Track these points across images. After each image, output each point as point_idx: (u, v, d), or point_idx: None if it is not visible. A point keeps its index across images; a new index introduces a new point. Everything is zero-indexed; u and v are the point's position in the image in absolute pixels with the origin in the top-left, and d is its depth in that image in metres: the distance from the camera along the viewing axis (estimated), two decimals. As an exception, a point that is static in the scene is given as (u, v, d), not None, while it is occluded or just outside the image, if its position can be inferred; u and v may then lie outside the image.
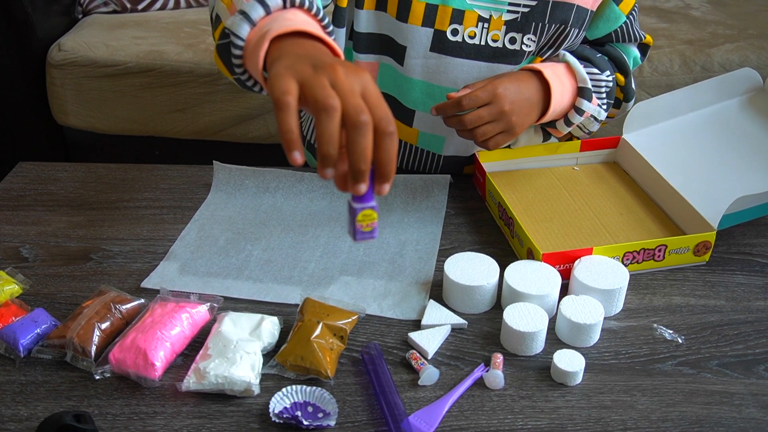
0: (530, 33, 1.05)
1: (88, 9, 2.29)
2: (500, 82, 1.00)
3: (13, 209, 1.09)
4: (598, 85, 1.09)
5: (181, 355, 0.82)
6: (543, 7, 1.03)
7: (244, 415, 0.76)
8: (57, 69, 2.02)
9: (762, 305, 0.91)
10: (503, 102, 0.99)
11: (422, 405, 0.77)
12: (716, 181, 1.03)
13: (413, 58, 1.07)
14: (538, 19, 1.04)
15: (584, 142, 1.15)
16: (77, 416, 0.70)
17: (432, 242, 1.02)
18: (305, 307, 0.85)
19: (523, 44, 1.06)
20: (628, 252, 0.93)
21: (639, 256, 0.94)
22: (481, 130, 1.00)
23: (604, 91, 1.09)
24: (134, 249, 1.00)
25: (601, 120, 1.11)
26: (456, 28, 1.03)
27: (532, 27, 1.04)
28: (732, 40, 2.09)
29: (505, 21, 1.04)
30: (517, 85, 1.01)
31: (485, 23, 1.03)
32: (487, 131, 1.00)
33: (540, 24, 1.04)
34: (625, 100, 1.16)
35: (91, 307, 0.84)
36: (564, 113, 1.09)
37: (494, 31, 1.04)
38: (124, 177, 1.17)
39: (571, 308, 0.84)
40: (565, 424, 0.75)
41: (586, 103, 1.06)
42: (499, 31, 1.04)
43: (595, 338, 0.85)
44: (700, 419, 0.76)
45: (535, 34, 1.05)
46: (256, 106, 2.03)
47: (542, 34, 1.06)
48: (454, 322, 0.87)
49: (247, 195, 1.11)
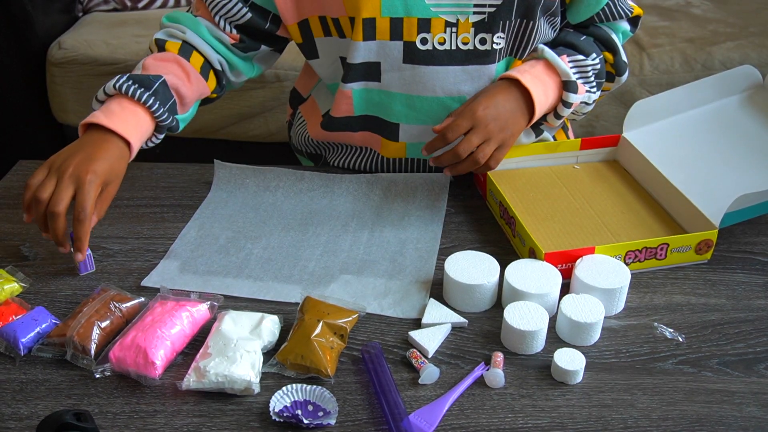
0: (499, 31, 1.04)
1: (88, 7, 2.29)
2: (477, 103, 1.02)
3: (14, 207, 1.09)
4: (584, 70, 1.09)
5: (182, 354, 0.82)
6: (509, 4, 1.03)
7: (245, 413, 0.76)
8: (57, 67, 2.02)
9: (763, 304, 0.91)
10: (486, 121, 1.00)
11: (422, 404, 0.77)
12: (717, 179, 1.03)
13: (388, 71, 1.07)
14: (505, 16, 1.03)
15: (584, 140, 1.14)
16: (77, 415, 0.70)
17: (432, 241, 1.01)
18: (305, 305, 0.85)
19: (494, 43, 1.05)
20: (630, 251, 0.93)
21: (641, 255, 0.94)
22: (476, 156, 1.01)
23: (591, 75, 1.10)
24: (134, 247, 1.00)
25: (593, 101, 1.12)
26: (425, 37, 1.03)
27: (500, 25, 1.04)
28: (733, 38, 2.08)
29: (473, 23, 1.03)
30: (494, 100, 1.02)
31: (453, 27, 1.03)
32: (484, 153, 1.01)
33: (507, 21, 1.04)
34: (618, 75, 1.16)
35: (91, 305, 0.84)
36: (552, 108, 1.09)
37: (463, 34, 1.04)
38: (124, 175, 1.17)
39: (571, 307, 0.84)
40: (565, 423, 0.75)
41: (573, 95, 1.06)
42: (468, 34, 1.04)
43: (596, 337, 0.85)
44: (700, 418, 0.76)
45: (503, 32, 1.05)
46: (257, 105, 2.02)
47: (510, 31, 1.06)
48: (454, 321, 0.87)
49: (248, 194, 1.11)
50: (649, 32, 2.13)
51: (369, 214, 1.07)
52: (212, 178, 1.13)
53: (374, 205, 1.09)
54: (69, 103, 2.06)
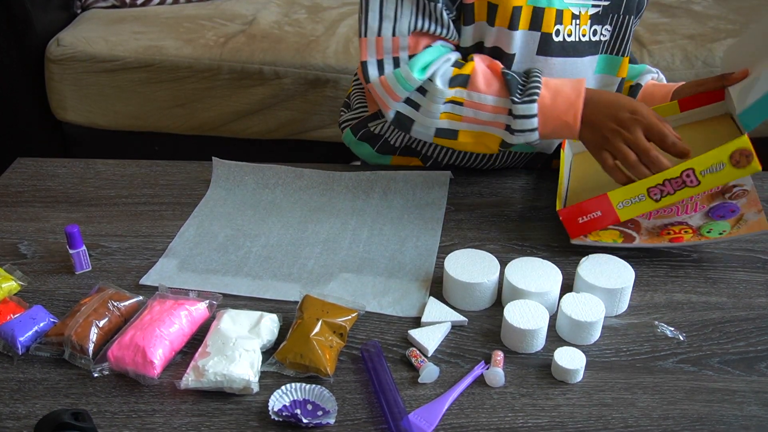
0: (607, 24, 1.08)
1: (86, 4, 2.28)
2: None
3: (12, 205, 1.09)
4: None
5: (180, 353, 0.82)
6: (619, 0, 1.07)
7: (244, 413, 0.75)
8: (56, 64, 2.01)
9: (764, 302, 0.91)
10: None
11: (422, 403, 0.77)
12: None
13: (520, 63, 1.05)
14: (615, 10, 1.07)
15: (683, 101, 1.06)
16: (76, 414, 0.70)
17: (432, 239, 1.01)
18: (305, 304, 0.85)
19: (602, 35, 1.09)
20: (651, 187, 0.87)
21: (668, 188, 0.87)
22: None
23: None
24: (133, 246, 1.00)
25: None
26: (558, 29, 1.04)
27: (608, 18, 1.07)
28: (734, 34, 2.07)
29: (590, 15, 1.06)
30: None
31: (576, 20, 1.05)
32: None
33: (616, 15, 1.08)
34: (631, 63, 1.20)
35: (89, 304, 0.84)
36: None
37: (583, 26, 1.06)
38: (123, 173, 1.17)
39: (571, 306, 0.84)
40: (565, 422, 0.75)
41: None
42: (587, 26, 1.06)
43: (596, 336, 0.84)
44: (701, 417, 0.75)
45: (611, 25, 1.08)
46: (256, 102, 2.02)
47: (616, 24, 1.09)
48: (454, 320, 0.87)
49: (247, 191, 1.11)
50: (649, 29, 2.12)
51: (368, 212, 1.06)
52: (211, 175, 1.13)
53: (374, 203, 1.08)
54: (68, 100, 2.06)
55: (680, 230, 0.91)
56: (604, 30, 1.08)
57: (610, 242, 0.89)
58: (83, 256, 0.94)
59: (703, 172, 0.88)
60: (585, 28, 1.06)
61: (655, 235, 0.91)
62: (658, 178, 0.89)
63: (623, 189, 0.88)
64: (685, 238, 0.89)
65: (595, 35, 1.08)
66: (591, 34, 1.07)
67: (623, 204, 0.90)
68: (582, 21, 1.05)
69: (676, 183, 0.89)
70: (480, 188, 1.14)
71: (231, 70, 1.98)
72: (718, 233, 0.89)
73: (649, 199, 0.89)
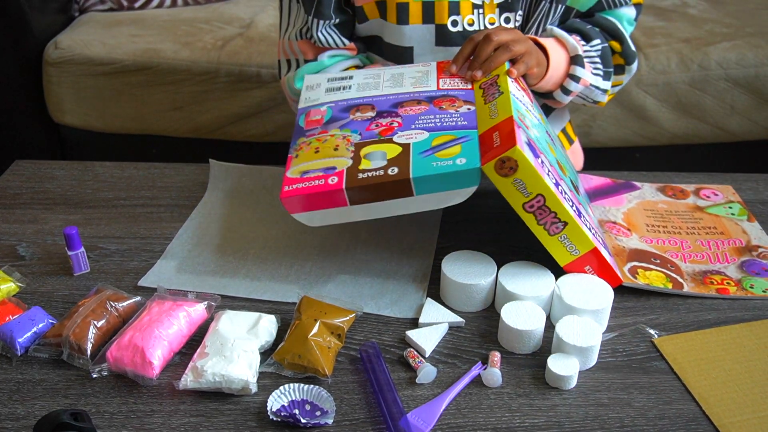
0: (519, 10, 1.09)
1: (84, 7, 2.28)
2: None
3: (10, 207, 1.09)
4: (588, 54, 1.10)
5: (179, 354, 0.82)
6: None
7: (242, 413, 0.76)
8: (53, 67, 2.01)
9: (759, 303, 0.91)
10: (497, 32, 0.99)
11: (420, 403, 0.77)
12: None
13: (421, 55, 1.11)
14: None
15: None
16: (74, 414, 0.70)
17: (429, 240, 1.01)
18: (302, 305, 0.85)
19: (516, 21, 1.10)
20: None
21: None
22: (498, 50, 0.98)
23: (596, 57, 1.11)
24: (131, 247, 1.00)
25: (605, 89, 1.13)
26: (455, 19, 1.08)
27: (520, 4, 1.09)
28: (729, 38, 2.08)
29: (497, 4, 1.08)
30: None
31: (480, 9, 1.08)
32: (500, 39, 0.98)
33: (527, 1, 1.09)
34: (628, 64, 1.17)
35: (87, 305, 0.84)
36: (560, 83, 1.10)
37: (489, 14, 1.08)
38: (121, 175, 1.17)
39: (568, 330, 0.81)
40: (562, 422, 0.75)
41: (580, 69, 1.08)
42: (494, 14, 1.09)
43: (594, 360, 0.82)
44: (696, 417, 0.76)
45: (522, 10, 1.10)
46: (254, 105, 2.02)
47: (529, 9, 1.10)
48: (451, 320, 0.87)
49: (244, 193, 1.11)
50: (645, 32, 2.13)
51: (366, 214, 1.07)
52: (208, 177, 1.13)
53: (371, 205, 1.08)
54: (65, 103, 2.06)
55: (722, 280, 0.94)
56: (517, 16, 1.09)
57: (660, 286, 0.91)
58: (82, 258, 0.94)
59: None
60: (493, 16, 1.09)
61: (700, 282, 0.93)
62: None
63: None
64: (730, 290, 0.91)
65: (509, 22, 1.09)
66: (503, 21, 1.09)
67: None
68: (487, 10, 1.08)
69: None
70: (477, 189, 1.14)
71: (229, 73, 1.99)
72: (761, 290, 0.92)
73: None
